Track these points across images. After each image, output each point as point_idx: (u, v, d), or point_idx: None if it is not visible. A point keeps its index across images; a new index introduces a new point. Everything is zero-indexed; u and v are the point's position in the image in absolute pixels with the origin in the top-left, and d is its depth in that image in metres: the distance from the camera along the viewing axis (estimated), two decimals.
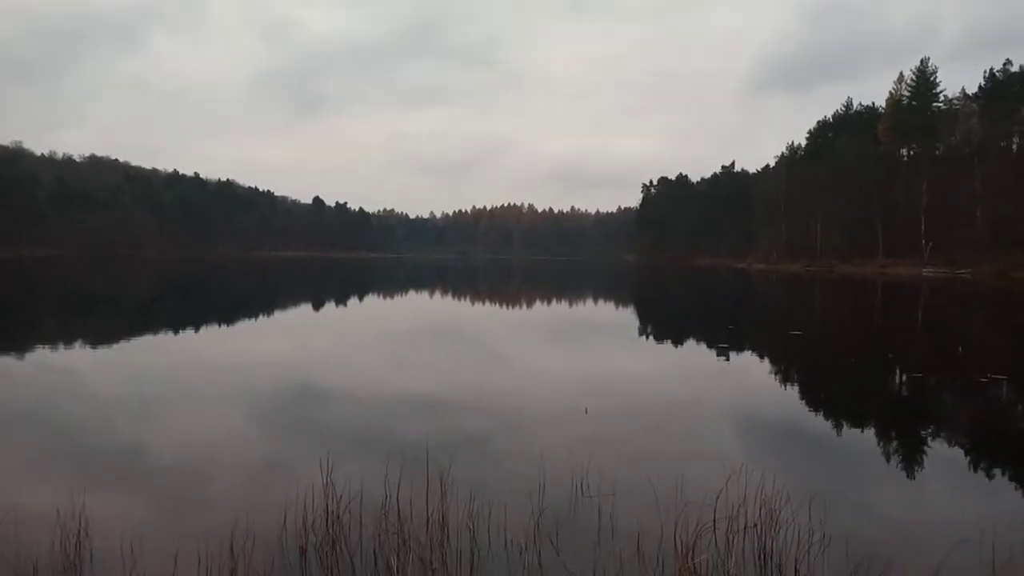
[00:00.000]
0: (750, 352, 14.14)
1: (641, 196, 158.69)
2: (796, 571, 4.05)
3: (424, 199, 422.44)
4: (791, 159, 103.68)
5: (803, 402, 9.50)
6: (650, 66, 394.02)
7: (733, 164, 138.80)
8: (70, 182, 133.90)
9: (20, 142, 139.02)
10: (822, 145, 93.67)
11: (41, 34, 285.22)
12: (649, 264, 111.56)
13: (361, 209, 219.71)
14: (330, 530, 4.47)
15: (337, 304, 27.51)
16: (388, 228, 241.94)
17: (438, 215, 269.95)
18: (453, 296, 34.17)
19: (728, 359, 12.83)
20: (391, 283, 46.26)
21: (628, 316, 24.17)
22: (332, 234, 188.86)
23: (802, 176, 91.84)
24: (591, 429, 7.29)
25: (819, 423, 8.21)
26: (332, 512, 4.61)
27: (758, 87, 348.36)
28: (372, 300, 30.97)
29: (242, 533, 4.23)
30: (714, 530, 4.41)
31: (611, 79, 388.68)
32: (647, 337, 17.18)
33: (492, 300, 32.30)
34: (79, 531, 4.22)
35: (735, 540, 4.30)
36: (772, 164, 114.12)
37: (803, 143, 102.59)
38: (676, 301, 33.04)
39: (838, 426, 8.01)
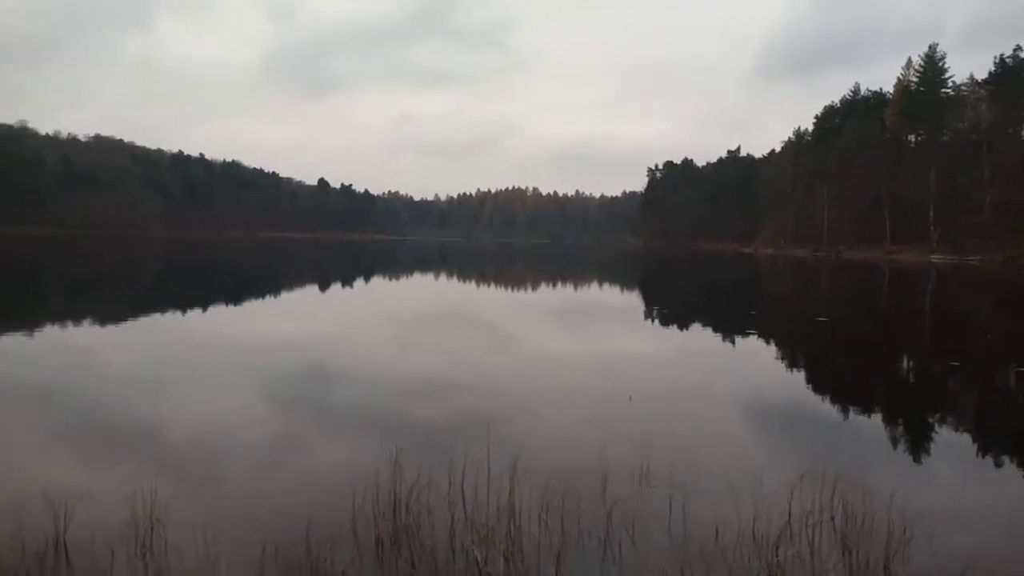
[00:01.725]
0: (778, 339, 13.95)
1: (646, 180, 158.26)
2: (886, 568, 3.94)
3: (429, 181, 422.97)
4: (798, 144, 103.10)
5: (851, 392, 9.27)
6: (658, 51, 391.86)
7: (739, 149, 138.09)
8: (76, 162, 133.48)
9: (25, 121, 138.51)
10: (829, 131, 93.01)
11: (47, 13, 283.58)
12: (654, 248, 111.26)
13: (366, 191, 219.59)
14: (401, 520, 4.37)
15: (364, 284, 27.42)
16: (393, 210, 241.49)
17: (443, 197, 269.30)
18: (466, 280, 34.04)
19: (758, 346, 12.71)
20: (399, 265, 46.11)
21: (646, 301, 24.01)
22: (337, 216, 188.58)
23: (809, 161, 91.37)
24: (640, 417, 7.17)
25: (874, 414, 8.05)
26: (401, 501, 4.51)
27: (765, 73, 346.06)
28: (393, 284, 30.85)
29: (315, 523, 4.15)
30: (789, 523, 4.30)
31: (619, 63, 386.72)
32: (670, 323, 17.02)
33: (506, 284, 32.17)
34: (151, 517, 4.12)
35: (816, 534, 4.20)
36: (778, 149, 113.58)
37: (810, 128, 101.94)
38: (689, 286, 32.86)
39: (894, 418, 7.86)
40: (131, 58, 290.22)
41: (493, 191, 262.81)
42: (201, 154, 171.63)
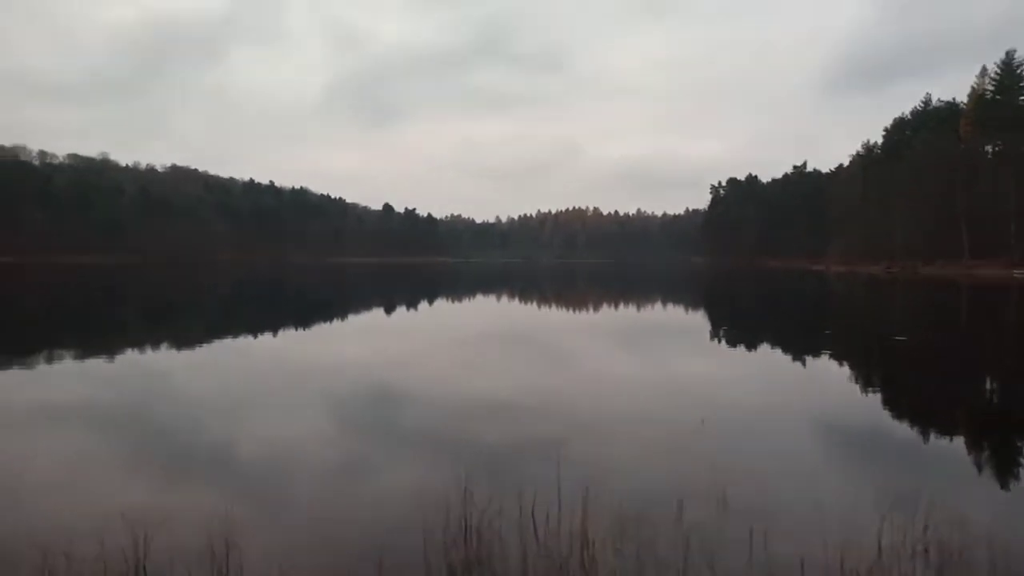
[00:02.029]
0: (855, 359, 13.40)
1: (710, 198, 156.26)
2: None
3: (490, 204, 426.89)
4: (867, 158, 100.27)
5: (936, 415, 8.81)
6: (720, 68, 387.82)
7: (805, 164, 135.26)
8: (152, 192, 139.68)
9: (107, 153, 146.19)
10: (900, 143, 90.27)
11: (129, 51, 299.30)
12: (718, 266, 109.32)
13: (429, 215, 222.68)
14: (472, 548, 4.31)
15: (427, 306, 27.73)
16: (455, 233, 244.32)
17: (503, 219, 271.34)
18: (528, 301, 34.02)
19: (833, 366, 12.25)
20: (461, 288, 46.44)
21: (712, 321, 23.45)
22: (401, 240, 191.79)
23: (880, 175, 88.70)
24: (714, 441, 6.97)
25: (961, 438, 7.57)
26: (472, 528, 4.46)
27: (832, 86, 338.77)
28: (456, 306, 31.09)
29: (387, 549, 4.13)
30: (880, 556, 4.07)
31: (680, 81, 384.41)
32: (739, 342, 16.56)
33: (568, 305, 32.02)
34: (226, 541, 4.17)
35: (909, 569, 3.96)
36: (846, 164, 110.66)
37: (879, 141, 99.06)
38: (757, 304, 31.98)
39: (984, 443, 7.40)
40: (205, 90, 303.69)
41: (553, 212, 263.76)
42: (271, 181, 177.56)
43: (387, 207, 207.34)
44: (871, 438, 7.52)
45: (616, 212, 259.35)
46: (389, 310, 26.72)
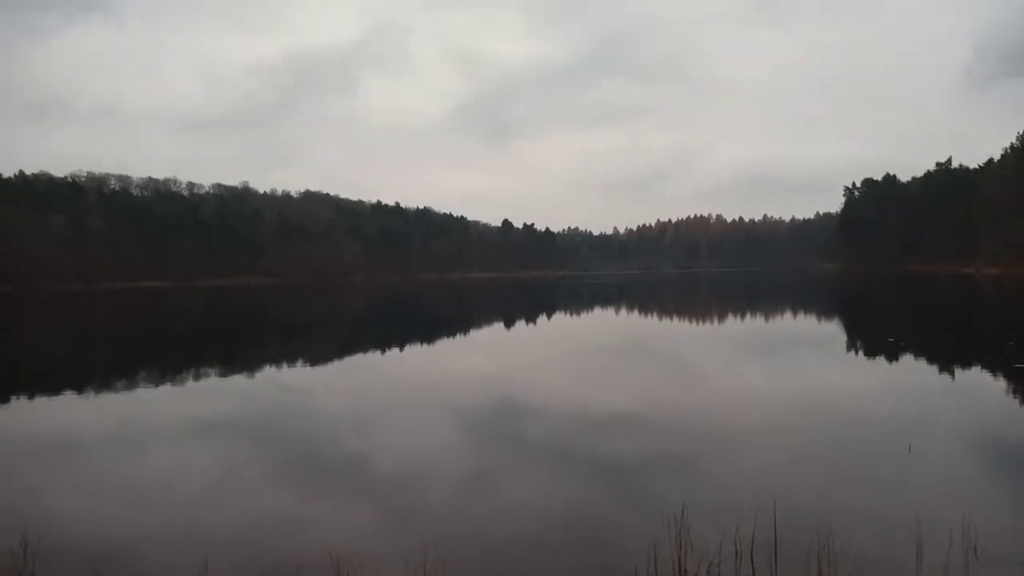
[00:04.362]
0: None
1: (843, 200, 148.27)
2: None
3: (608, 215, 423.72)
4: (1023, 150, 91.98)
5: None
6: (850, 66, 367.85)
7: (949, 161, 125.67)
8: (288, 216, 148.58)
9: (247, 182, 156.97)
10: None
11: (269, 86, 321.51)
12: (854, 273, 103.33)
13: (547, 229, 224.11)
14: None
15: (546, 321, 27.95)
16: (573, 246, 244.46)
17: (622, 230, 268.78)
18: (649, 313, 33.49)
19: None
20: (581, 301, 46.31)
21: (869, 333, 21.07)
22: (520, 254, 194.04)
23: None
24: (934, 472, 6.21)
25: None
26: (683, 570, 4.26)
27: (976, 76, 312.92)
28: (576, 319, 31.12)
29: (517, 563, 4.21)
30: None
31: (807, 83, 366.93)
32: (918, 357, 14.75)
33: (693, 316, 31.27)
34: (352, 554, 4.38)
35: None
36: (997, 158, 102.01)
37: None
38: (916, 314, 28.19)
39: None
40: (337, 117, 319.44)
41: (674, 221, 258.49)
42: (397, 203, 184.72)
43: (506, 223, 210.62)
44: None
45: (740, 218, 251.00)
46: (512, 324, 27.08)
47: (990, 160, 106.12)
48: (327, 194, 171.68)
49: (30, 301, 55.50)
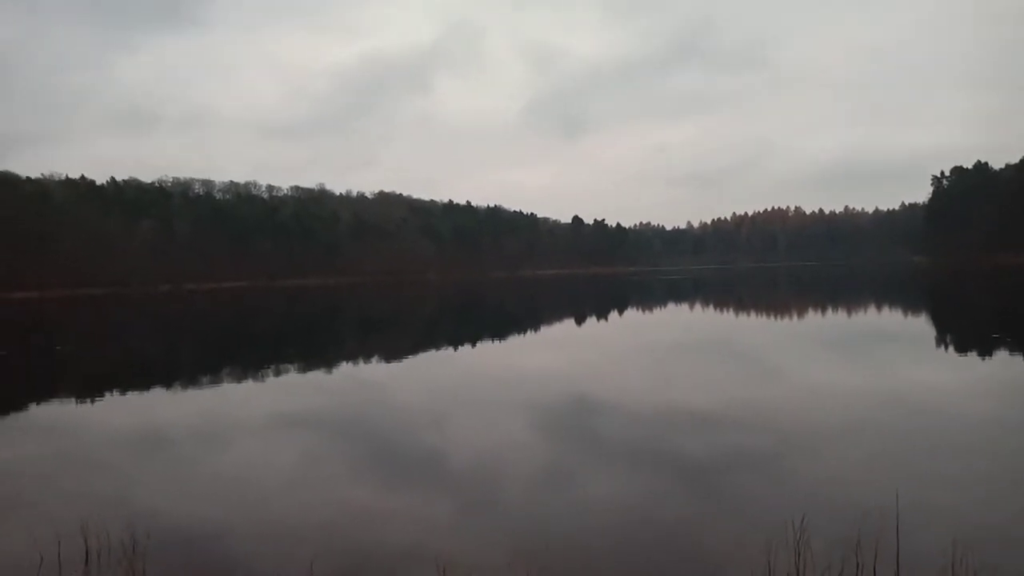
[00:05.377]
0: None
1: (930, 190, 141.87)
2: None
3: (681, 209, 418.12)
4: None
5: None
6: (938, 47, 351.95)
7: None
8: (364, 217, 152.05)
9: (323, 184, 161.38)
10: None
11: (347, 89, 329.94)
12: (943, 266, 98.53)
13: (618, 225, 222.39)
14: None
15: (618, 317, 27.77)
16: (644, 241, 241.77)
17: (695, 224, 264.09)
18: (725, 309, 32.75)
19: None
20: (653, 297, 45.68)
21: (971, 328, 19.52)
22: (590, 251, 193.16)
23: None
24: None
25: None
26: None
27: None
28: (648, 316, 30.75)
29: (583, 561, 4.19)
30: None
31: (892, 66, 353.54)
32: None
33: (793, 313, 30.42)
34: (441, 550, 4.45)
35: None
36: None
37: None
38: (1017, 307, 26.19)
39: None
40: (411, 118, 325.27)
41: (750, 214, 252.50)
42: (468, 202, 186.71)
43: (576, 219, 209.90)
44: None
45: (820, 210, 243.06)
46: (584, 320, 26.99)
47: None
48: (400, 194, 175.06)
49: (124, 304, 58.53)
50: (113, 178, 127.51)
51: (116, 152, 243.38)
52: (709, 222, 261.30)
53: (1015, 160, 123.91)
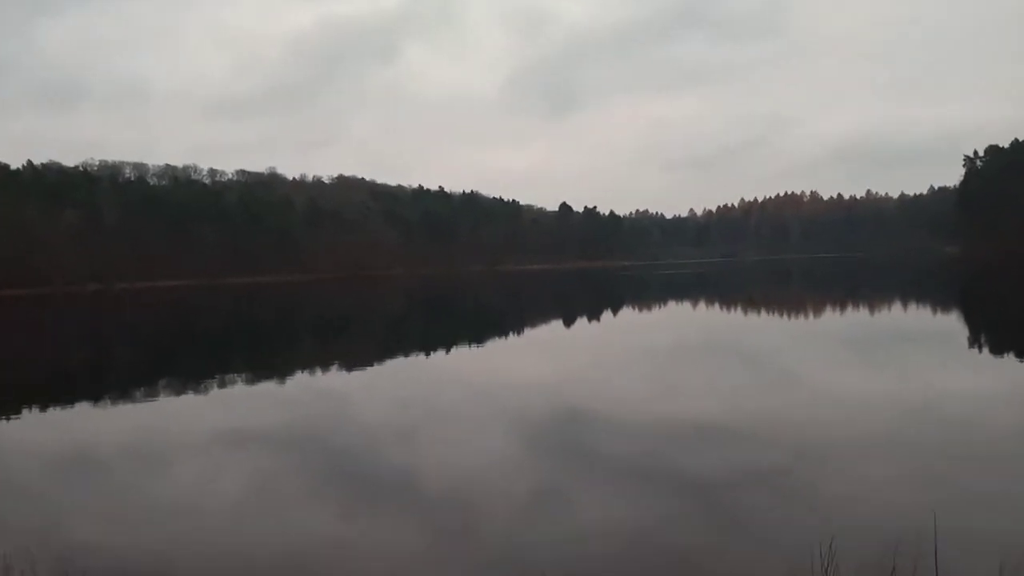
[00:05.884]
0: None
1: (963, 171, 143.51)
2: None
3: (683, 195, 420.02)
4: None
5: None
6: (965, 12, 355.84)
7: None
8: (320, 203, 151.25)
9: (274, 168, 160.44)
10: None
11: (302, 59, 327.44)
12: (977, 256, 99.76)
13: (611, 212, 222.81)
14: None
15: (612, 318, 27.80)
16: (641, 230, 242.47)
17: (699, 212, 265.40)
18: (736, 311, 32.90)
19: None
20: (649, 295, 45.81)
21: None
22: (580, 242, 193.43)
23: None
24: None
25: None
26: None
27: None
28: (643, 317, 30.80)
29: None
30: None
31: (917, 34, 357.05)
32: None
33: (814, 315, 30.63)
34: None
35: None
36: None
37: None
38: None
39: None
40: (376, 92, 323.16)
41: (760, 200, 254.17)
42: (440, 187, 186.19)
43: (564, 207, 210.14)
44: None
45: (839, 195, 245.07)
46: (571, 323, 27.03)
47: None
48: (363, 179, 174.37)
49: (45, 306, 57.81)
50: (30, 161, 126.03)
51: (34, 131, 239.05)
52: (714, 209, 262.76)
53: None
